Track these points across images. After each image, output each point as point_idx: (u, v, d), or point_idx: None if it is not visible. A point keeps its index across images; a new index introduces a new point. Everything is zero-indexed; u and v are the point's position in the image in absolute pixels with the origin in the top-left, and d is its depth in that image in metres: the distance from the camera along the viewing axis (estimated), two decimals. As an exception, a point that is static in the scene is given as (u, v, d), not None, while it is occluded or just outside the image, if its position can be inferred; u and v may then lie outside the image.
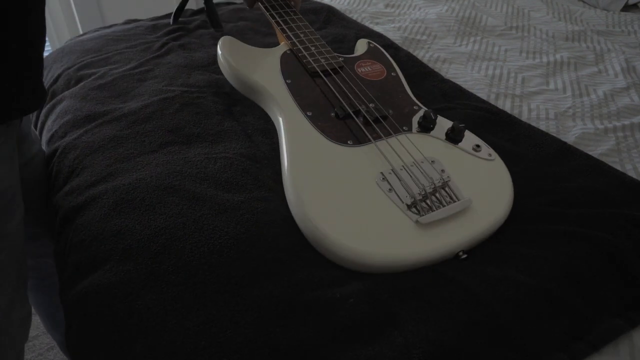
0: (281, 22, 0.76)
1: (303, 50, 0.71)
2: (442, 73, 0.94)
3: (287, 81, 0.66)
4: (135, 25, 1.14)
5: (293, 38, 0.73)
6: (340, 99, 0.65)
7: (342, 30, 1.09)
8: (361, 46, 0.79)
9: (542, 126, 0.78)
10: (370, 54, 0.76)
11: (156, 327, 0.45)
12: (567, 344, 0.46)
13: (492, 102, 0.84)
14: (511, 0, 1.37)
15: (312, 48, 0.72)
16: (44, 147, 0.80)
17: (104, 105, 0.78)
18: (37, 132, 0.87)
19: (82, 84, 0.87)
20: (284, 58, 0.71)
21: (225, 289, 0.47)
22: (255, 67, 0.68)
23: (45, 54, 0.70)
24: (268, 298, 0.46)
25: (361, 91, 0.67)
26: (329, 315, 0.45)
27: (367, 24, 1.20)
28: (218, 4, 1.13)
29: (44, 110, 0.87)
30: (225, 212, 0.54)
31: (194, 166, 0.62)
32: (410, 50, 1.04)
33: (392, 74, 0.73)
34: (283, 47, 0.74)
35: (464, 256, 0.51)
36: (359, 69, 0.72)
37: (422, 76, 0.91)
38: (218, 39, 0.78)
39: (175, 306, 0.46)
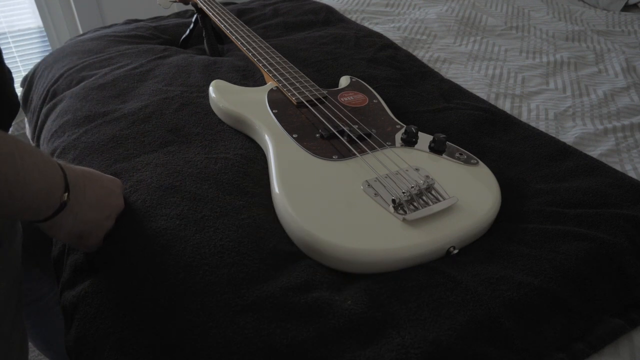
0: (267, 65, 0.81)
1: (288, 86, 0.76)
2: (442, 73, 0.95)
3: (274, 111, 0.70)
4: (136, 26, 1.14)
5: (279, 77, 0.78)
6: (325, 121, 0.68)
7: (341, 31, 1.10)
8: (344, 81, 0.84)
9: (542, 126, 0.78)
10: (353, 86, 0.81)
11: (156, 328, 0.45)
12: (567, 344, 0.46)
13: (492, 102, 0.85)
14: (511, 0, 1.37)
15: (297, 84, 0.77)
16: (44, 146, 0.80)
17: (104, 105, 0.79)
18: (37, 131, 0.87)
19: (82, 84, 0.87)
20: (270, 94, 0.75)
21: (225, 290, 0.47)
22: (244, 103, 0.73)
23: (46, 53, 0.70)
24: (268, 299, 0.46)
25: (345, 115, 0.70)
26: (328, 316, 0.45)
27: (366, 24, 1.20)
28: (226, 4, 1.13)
29: (44, 110, 0.87)
30: (226, 215, 0.55)
31: (194, 166, 0.62)
32: (410, 50, 1.04)
33: (374, 101, 0.77)
34: (270, 85, 0.78)
35: (455, 252, 0.52)
36: (342, 99, 0.76)
37: (422, 76, 0.91)
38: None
39: (175, 307, 0.46)
